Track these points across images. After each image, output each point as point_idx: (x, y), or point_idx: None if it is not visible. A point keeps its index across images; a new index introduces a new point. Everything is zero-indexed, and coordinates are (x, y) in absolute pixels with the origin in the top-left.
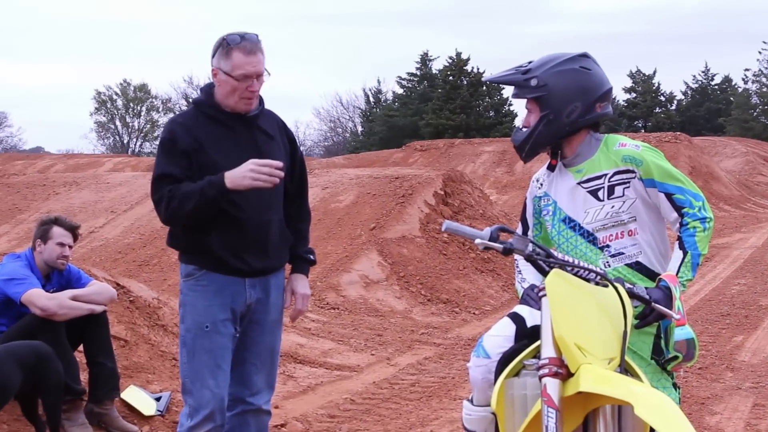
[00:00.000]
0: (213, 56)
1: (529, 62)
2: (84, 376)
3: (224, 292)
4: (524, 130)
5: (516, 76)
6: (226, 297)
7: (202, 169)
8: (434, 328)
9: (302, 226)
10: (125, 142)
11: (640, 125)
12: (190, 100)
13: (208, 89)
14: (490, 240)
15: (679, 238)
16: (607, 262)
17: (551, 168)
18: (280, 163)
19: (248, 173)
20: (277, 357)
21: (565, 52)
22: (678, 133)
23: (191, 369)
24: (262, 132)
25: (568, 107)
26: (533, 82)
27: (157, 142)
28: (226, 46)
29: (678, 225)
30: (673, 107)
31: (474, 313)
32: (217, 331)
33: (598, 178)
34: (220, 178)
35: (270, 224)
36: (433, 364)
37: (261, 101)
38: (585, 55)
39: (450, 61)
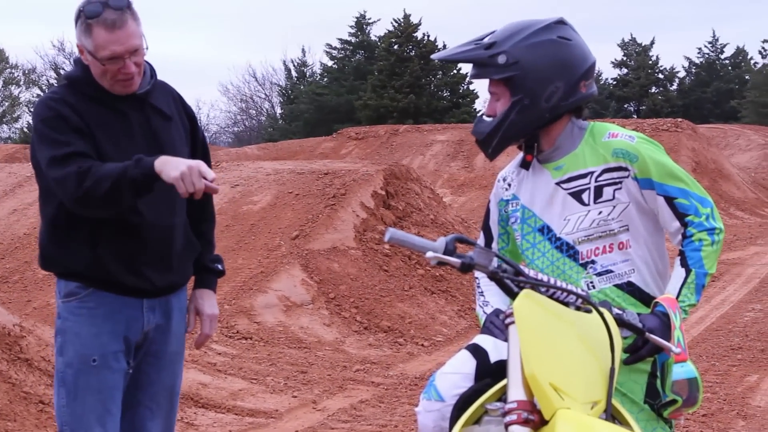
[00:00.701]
0: (75, 29)
1: (491, 33)
2: None
3: (117, 316)
4: (489, 120)
5: (477, 51)
6: (118, 323)
7: None
8: (372, 364)
9: (205, 227)
10: None
11: (632, 109)
12: (62, 73)
13: (83, 62)
14: (444, 253)
15: (681, 253)
16: (592, 282)
17: (525, 165)
18: (217, 189)
19: (182, 167)
20: (176, 399)
21: (536, 20)
22: (679, 119)
23: (72, 414)
24: (157, 112)
25: (547, 89)
26: (501, 59)
27: (19, 126)
28: (84, 20)
29: (680, 237)
30: (674, 87)
31: (422, 345)
32: (107, 365)
33: (583, 176)
34: (150, 160)
35: (173, 230)
36: (370, 409)
37: (152, 72)
38: (561, 22)
39: (395, 25)
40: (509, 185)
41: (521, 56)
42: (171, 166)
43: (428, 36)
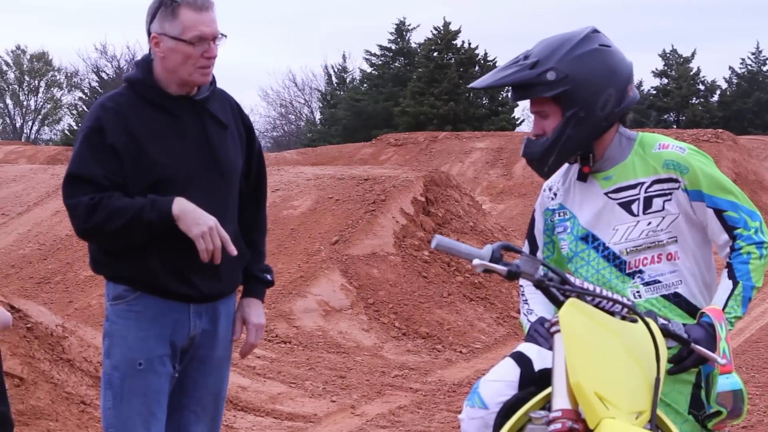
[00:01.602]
0: (151, 20)
1: (526, 53)
2: None
3: (163, 320)
4: (540, 139)
5: (523, 73)
6: (165, 327)
7: (138, 170)
8: (411, 370)
9: (256, 237)
10: (18, 125)
11: (672, 119)
12: (103, 76)
13: (145, 65)
14: (491, 261)
15: (729, 265)
16: (638, 291)
17: (582, 177)
18: (234, 251)
19: (204, 227)
20: (222, 403)
21: (570, 32)
22: (720, 130)
23: (118, 417)
24: (214, 120)
25: (601, 97)
26: (550, 76)
27: (60, 128)
28: (170, 3)
29: (728, 250)
30: (715, 98)
31: (461, 352)
32: (153, 369)
33: (633, 187)
34: (167, 202)
35: None
36: (409, 415)
37: (212, 80)
38: (596, 31)
39: (434, 32)
40: (555, 194)
41: (570, 70)
42: (191, 218)
43: (469, 43)
